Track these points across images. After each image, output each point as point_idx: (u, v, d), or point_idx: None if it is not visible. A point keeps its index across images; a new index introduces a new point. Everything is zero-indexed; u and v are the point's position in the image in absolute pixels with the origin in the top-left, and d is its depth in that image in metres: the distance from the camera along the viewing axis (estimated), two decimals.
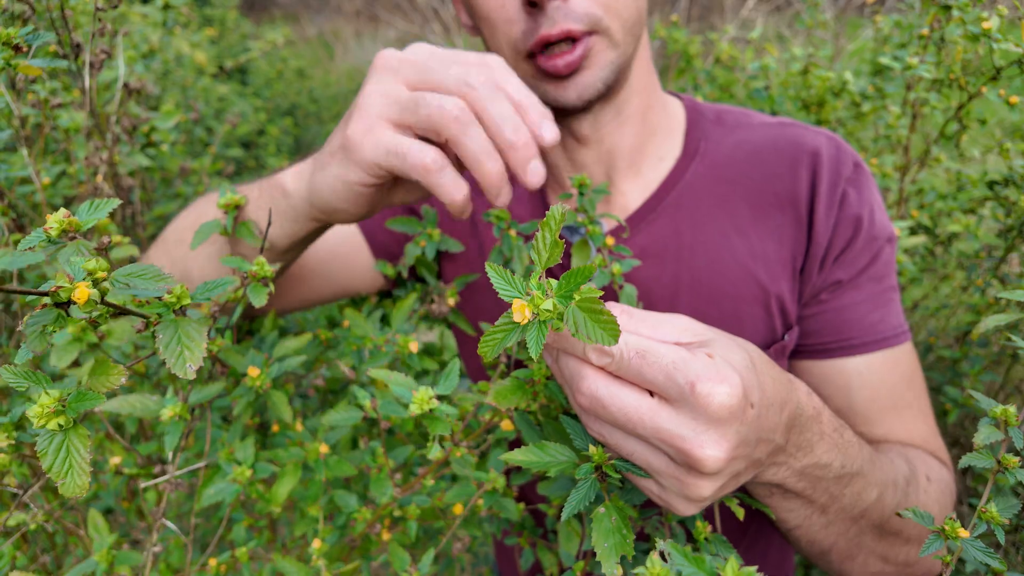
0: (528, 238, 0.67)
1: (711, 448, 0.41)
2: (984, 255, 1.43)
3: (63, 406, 0.37)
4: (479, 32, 0.72)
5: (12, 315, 0.97)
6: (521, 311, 0.36)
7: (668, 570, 0.40)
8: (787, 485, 0.55)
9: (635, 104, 0.75)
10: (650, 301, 0.75)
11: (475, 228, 0.84)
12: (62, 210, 0.38)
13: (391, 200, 0.64)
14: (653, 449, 0.44)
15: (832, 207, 0.72)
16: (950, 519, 0.53)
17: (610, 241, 0.63)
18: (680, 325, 0.46)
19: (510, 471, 0.64)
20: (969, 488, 1.42)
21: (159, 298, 0.39)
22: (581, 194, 0.65)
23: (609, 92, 0.70)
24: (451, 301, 0.78)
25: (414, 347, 0.70)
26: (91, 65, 0.88)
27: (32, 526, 0.85)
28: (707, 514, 0.61)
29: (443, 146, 0.55)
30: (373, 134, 0.53)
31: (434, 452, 0.48)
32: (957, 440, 1.61)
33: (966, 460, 0.55)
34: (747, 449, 0.44)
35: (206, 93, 2.54)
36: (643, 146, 0.77)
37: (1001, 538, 0.53)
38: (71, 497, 0.37)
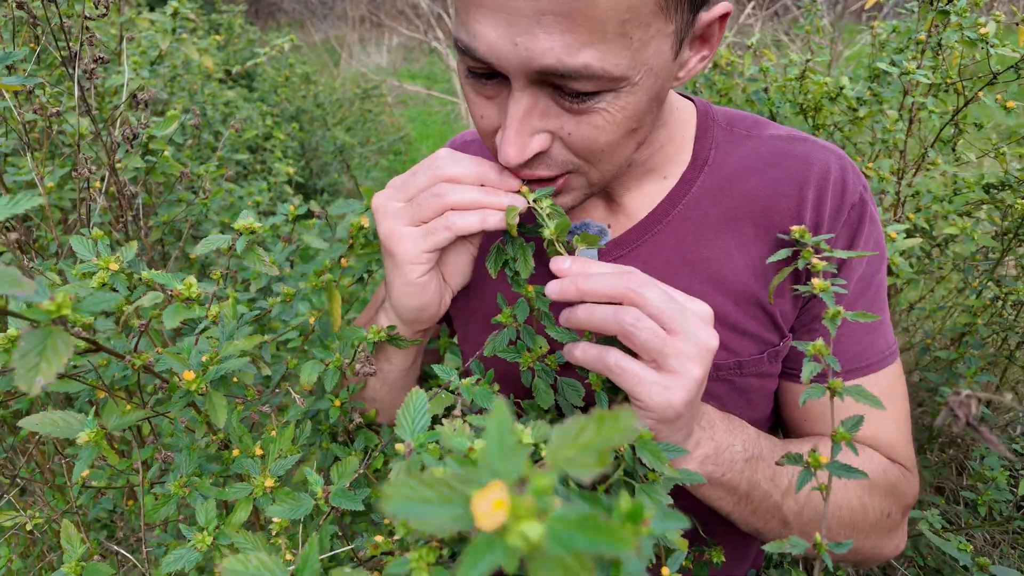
0: (528, 238, 0.67)
1: (712, 329, 0.56)
2: (980, 257, 1.44)
3: None
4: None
5: None
6: (488, 517, 0.23)
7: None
8: (708, 471, 0.63)
9: (641, 157, 0.74)
10: None
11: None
12: None
13: (449, 278, 0.73)
14: (674, 336, 0.54)
15: (835, 231, 0.72)
16: (813, 451, 0.55)
17: (580, 240, 0.62)
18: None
19: None
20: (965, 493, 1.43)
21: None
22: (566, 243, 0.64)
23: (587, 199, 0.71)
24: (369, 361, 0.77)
25: (365, 222, 0.70)
26: (88, 73, 0.90)
27: (28, 526, 0.87)
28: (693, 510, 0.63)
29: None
30: (405, 236, 0.65)
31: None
32: (953, 440, 1.61)
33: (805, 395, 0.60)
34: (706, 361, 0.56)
35: (213, 98, 2.56)
36: (647, 174, 0.77)
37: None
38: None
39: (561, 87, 0.56)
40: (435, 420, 0.55)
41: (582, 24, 0.51)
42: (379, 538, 0.51)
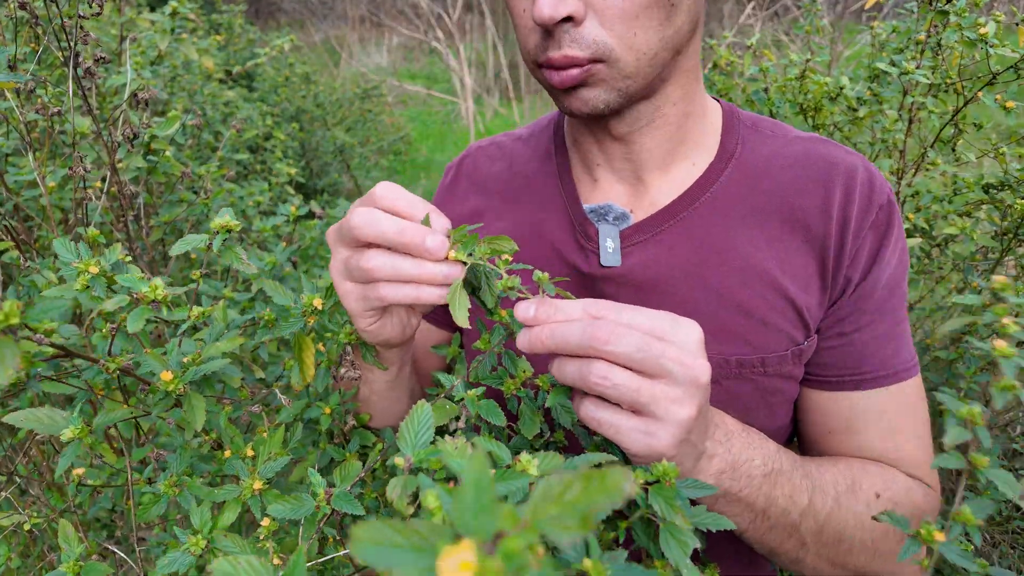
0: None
1: (702, 361, 0.52)
2: (980, 257, 1.44)
3: None
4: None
5: None
6: None
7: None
8: (725, 486, 0.60)
9: (671, 113, 0.74)
10: (669, 302, 0.74)
11: None
12: None
13: (401, 321, 0.68)
14: (653, 380, 0.51)
15: (862, 232, 0.72)
16: (926, 522, 0.53)
17: (540, 277, 0.56)
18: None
19: None
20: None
21: None
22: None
23: (629, 105, 0.70)
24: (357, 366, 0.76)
25: (318, 303, 0.66)
26: (87, 73, 0.90)
27: (27, 526, 0.87)
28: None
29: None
30: (348, 292, 0.61)
31: None
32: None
33: (937, 462, 0.55)
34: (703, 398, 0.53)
35: (213, 98, 2.57)
36: (675, 150, 0.77)
37: (977, 540, 0.53)
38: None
39: None
40: (441, 430, 0.54)
41: None
42: None
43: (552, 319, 0.52)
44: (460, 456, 0.43)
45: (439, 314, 0.94)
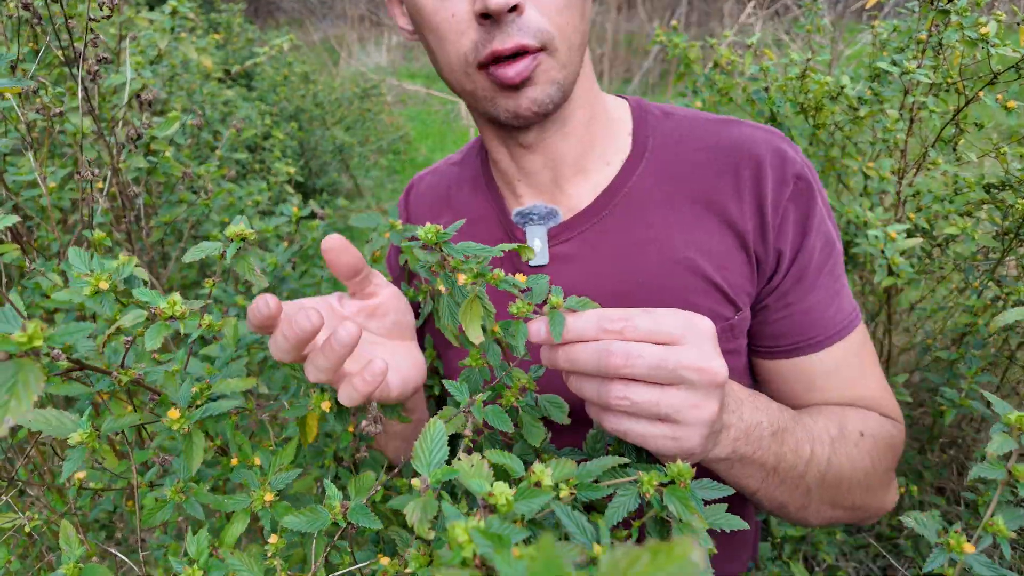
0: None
1: (718, 361, 0.52)
2: (981, 257, 1.43)
3: None
4: (422, 39, 0.73)
5: None
6: None
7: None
8: (740, 451, 0.62)
9: (578, 116, 0.78)
10: (600, 295, 0.75)
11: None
12: None
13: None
14: (673, 389, 0.52)
15: (781, 205, 0.75)
16: (955, 532, 0.53)
17: (521, 279, 0.56)
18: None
19: None
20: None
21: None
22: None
23: (556, 107, 0.72)
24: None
25: (326, 406, 0.64)
26: (91, 74, 0.89)
27: (27, 528, 0.86)
28: None
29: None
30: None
31: None
32: (954, 441, 1.61)
33: (976, 472, 0.54)
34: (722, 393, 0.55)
35: (212, 97, 2.56)
36: (588, 151, 0.80)
37: (1007, 552, 0.52)
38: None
39: None
40: (451, 438, 0.53)
41: None
42: (384, 560, 0.50)
43: (565, 339, 0.53)
44: (477, 475, 0.42)
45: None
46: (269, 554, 0.57)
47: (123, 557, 0.82)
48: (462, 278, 0.54)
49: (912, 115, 1.37)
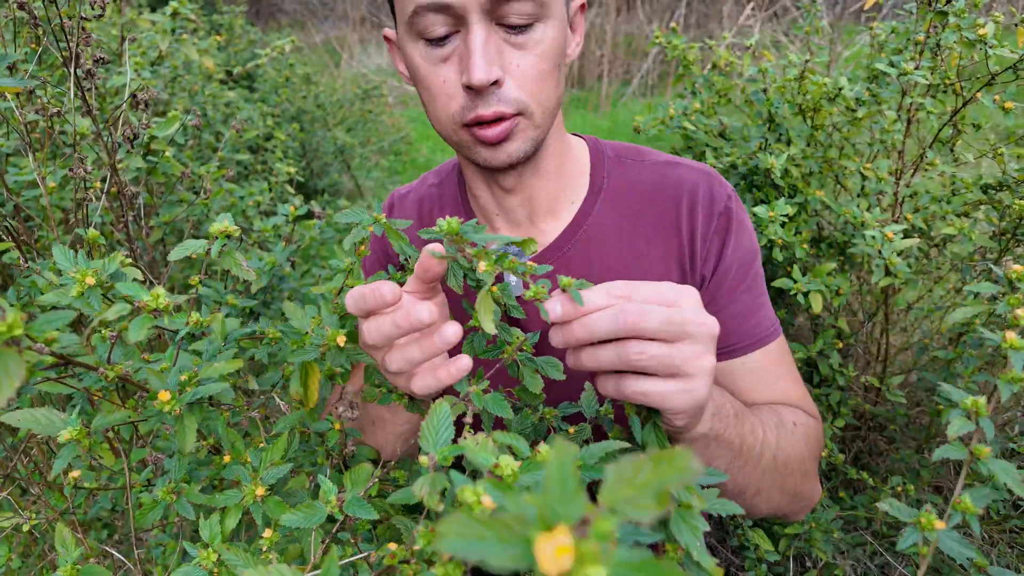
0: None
1: (711, 317, 0.58)
2: (978, 258, 1.44)
3: None
4: (417, 90, 0.82)
5: None
6: (553, 562, 0.23)
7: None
8: (715, 429, 0.67)
9: (551, 162, 0.89)
10: None
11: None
12: None
13: None
14: (680, 343, 0.57)
15: (708, 238, 0.88)
16: (925, 512, 0.54)
17: (566, 282, 0.60)
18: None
19: None
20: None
21: None
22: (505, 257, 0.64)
23: (529, 158, 0.83)
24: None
25: (341, 340, 0.66)
26: (87, 73, 0.90)
27: (25, 527, 0.87)
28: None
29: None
30: (407, 389, 0.66)
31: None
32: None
33: (939, 453, 0.56)
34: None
35: (214, 99, 2.57)
36: (559, 193, 0.91)
37: (976, 527, 0.54)
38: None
39: (505, 20, 0.72)
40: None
41: None
42: (392, 546, 0.51)
43: (580, 313, 0.58)
44: (482, 451, 0.44)
45: None
46: (264, 548, 0.57)
47: (121, 557, 0.83)
48: (483, 265, 0.57)
49: (910, 116, 1.37)
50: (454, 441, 0.49)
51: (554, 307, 0.58)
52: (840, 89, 1.40)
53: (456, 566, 0.39)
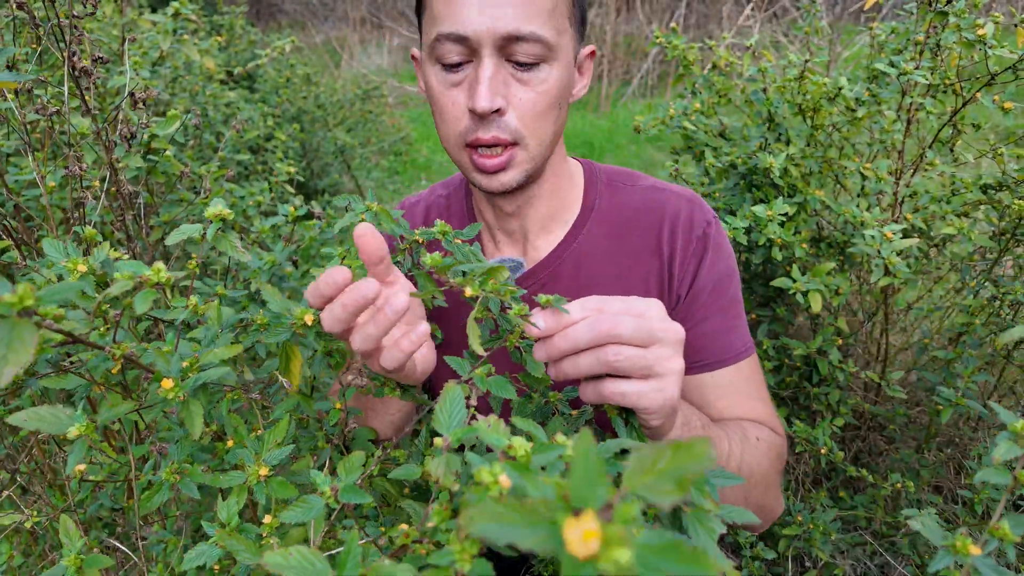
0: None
1: (677, 324, 0.64)
2: (977, 258, 1.44)
3: None
4: (431, 107, 0.89)
5: None
6: (581, 545, 0.24)
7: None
8: (683, 438, 0.67)
9: (547, 187, 0.96)
10: None
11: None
12: None
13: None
14: (651, 347, 0.62)
15: (686, 260, 0.94)
16: (960, 535, 0.53)
17: (545, 300, 0.65)
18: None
19: None
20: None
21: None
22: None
23: (524, 186, 0.90)
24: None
25: (308, 319, 0.67)
26: (81, 72, 0.90)
27: (27, 524, 0.87)
28: None
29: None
30: (372, 365, 0.71)
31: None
32: (951, 440, 1.62)
33: (981, 476, 0.55)
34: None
35: (214, 99, 2.57)
36: (553, 214, 0.99)
37: (1012, 556, 0.53)
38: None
39: (514, 57, 0.80)
40: None
41: (530, 5, 0.78)
42: (403, 526, 0.52)
43: (560, 327, 0.63)
44: (495, 433, 0.45)
45: None
46: (264, 534, 0.58)
47: (125, 550, 0.83)
48: (468, 291, 0.63)
49: (909, 116, 1.38)
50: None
51: (537, 322, 0.63)
52: (840, 89, 1.40)
53: (472, 543, 0.40)
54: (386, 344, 0.67)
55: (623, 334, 0.61)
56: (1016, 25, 1.37)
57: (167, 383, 0.58)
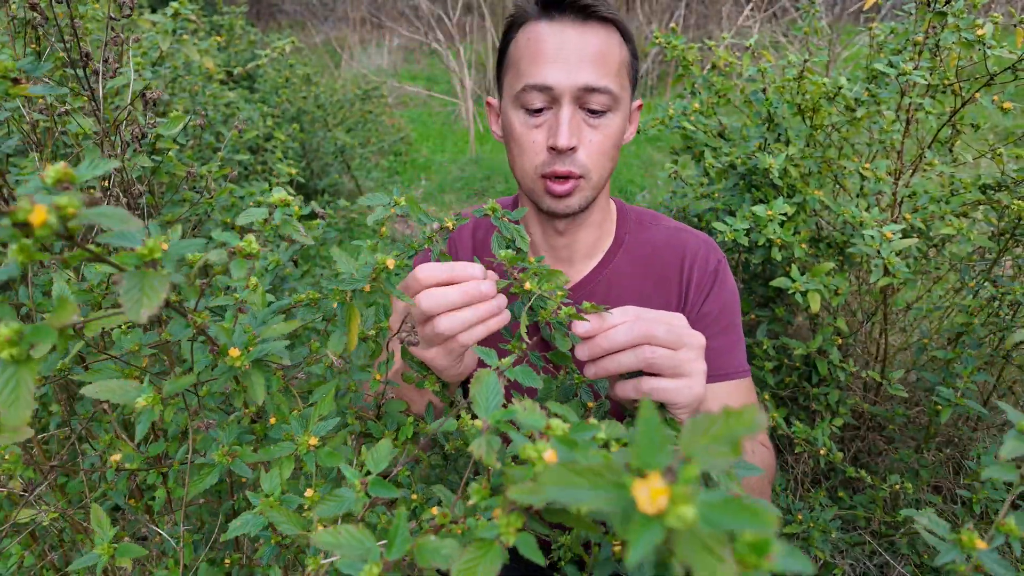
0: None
1: (699, 333, 0.76)
2: (977, 258, 1.44)
3: (19, 337, 0.39)
4: (507, 144, 1.05)
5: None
6: (650, 502, 0.26)
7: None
8: None
9: (595, 216, 1.12)
10: None
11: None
12: (61, 163, 0.41)
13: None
14: (680, 350, 0.73)
15: (700, 289, 1.11)
16: (967, 530, 0.54)
17: (589, 306, 0.76)
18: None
19: None
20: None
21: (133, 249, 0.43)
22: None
23: (581, 211, 1.05)
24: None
25: (391, 264, 0.73)
26: (99, 74, 0.90)
27: (45, 522, 0.88)
28: None
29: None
30: (434, 356, 0.81)
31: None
32: (950, 439, 1.62)
33: (988, 472, 0.55)
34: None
35: (214, 99, 2.57)
36: (597, 242, 1.15)
37: (1017, 550, 0.54)
38: (14, 427, 0.39)
39: (587, 105, 0.97)
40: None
41: (603, 65, 0.96)
42: (435, 510, 0.55)
43: (603, 328, 0.73)
44: (531, 415, 0.48)
45: None
46: (306, 507, 0.62)
47: (164, 535, 0.85)
48: (528, 285, 0.75)
49: (909, 116, 1.38)
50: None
51: (581, 328, 0.73)
52: (839, 89, 1.41)
53: (517, 517, 0.43)
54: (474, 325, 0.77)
55: (658, 335, 0.72)
56: (1015, 25, 1.38)
57: (234, 351, 0.64)
